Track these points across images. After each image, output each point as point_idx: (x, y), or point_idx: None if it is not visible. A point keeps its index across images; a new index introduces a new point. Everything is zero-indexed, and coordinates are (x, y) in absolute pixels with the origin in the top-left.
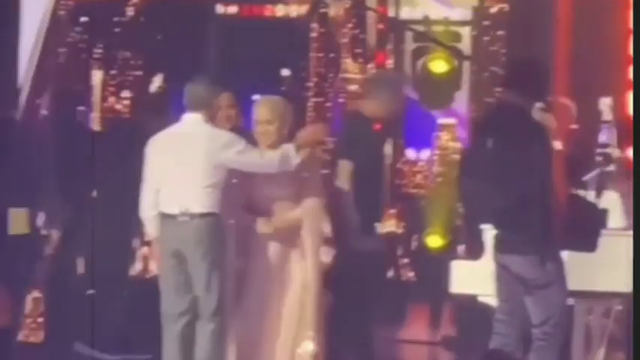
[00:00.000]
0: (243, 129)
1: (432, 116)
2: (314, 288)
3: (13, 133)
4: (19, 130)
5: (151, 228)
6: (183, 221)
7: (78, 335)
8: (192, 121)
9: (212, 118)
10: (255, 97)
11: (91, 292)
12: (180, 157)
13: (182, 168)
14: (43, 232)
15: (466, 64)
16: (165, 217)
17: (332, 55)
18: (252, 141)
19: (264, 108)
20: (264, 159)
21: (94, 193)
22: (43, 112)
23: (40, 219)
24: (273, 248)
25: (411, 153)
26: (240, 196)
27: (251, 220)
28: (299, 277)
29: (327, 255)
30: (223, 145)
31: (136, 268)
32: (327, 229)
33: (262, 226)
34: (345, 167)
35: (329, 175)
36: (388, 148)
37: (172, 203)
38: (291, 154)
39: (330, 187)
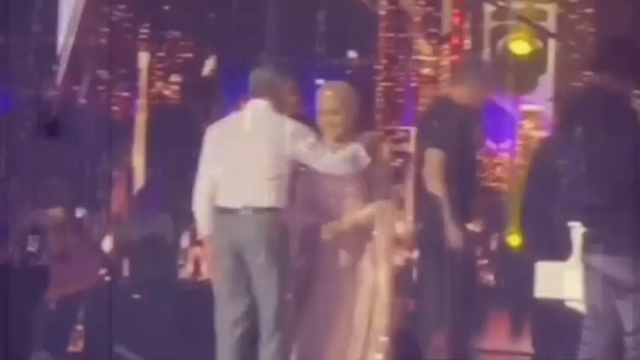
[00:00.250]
0: (304, 117)
1: (513, 103)
2: (386, 292)
3: (48, 122)
4: (54, 121)
5: (204, 224)
6: (244, 216)
7: (121, 344)
8: (258, 107)
9: (280, 106)
10: (319, 82)
11: (136, 296)
12: (244, 146)
13: (245, 158)
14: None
15: (551, 46)
16: (223, 212)
17: (403, 35)
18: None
19: (329, 96)
20: (335, 158)
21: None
22: (81, 101)
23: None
24: (341, 250)
25: (490, 143)
26: (304, 191)
27: (316, 219)
28: (369, 280)
29: (399, 257)
30: (292, 135)
31: (187, 270)
32: (400, 228)
33: (327, 232)
34: (434, 155)
35: (415, 164)
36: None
37: (233, 196)
38: (361, 155)
39: (417, 178)
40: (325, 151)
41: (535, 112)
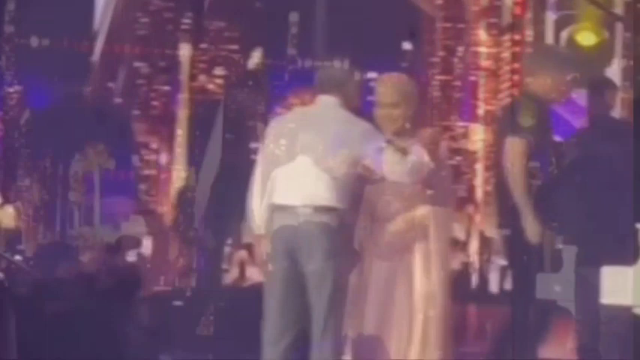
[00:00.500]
0: (360, 111)
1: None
2: (441, 300)
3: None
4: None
5: (259, 221)
6: (303, 214)
7: (162, 352)
8: (327, 104)
9: (348, 103)
10: (372, 74)
11: (178, 303)
12: (309, 142)
13: (309, 154)
14: None
15: (619, 37)
16: (281, 210)
17: (461, 25)
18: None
19: (388, 89)
20: (402, 167)
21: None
22: (117, 100)
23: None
24: (395, 253)
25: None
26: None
27: (367, 221)
28: (424, 286)
29: (456, 261)
30: (362, 135)
31: (231, 275)
32: (457, 231)
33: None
34: (515, 143)
35: (497, 154)
36: None
37: (293, 193)
38: (425, 161)
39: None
40: (394, 158)
41: None
